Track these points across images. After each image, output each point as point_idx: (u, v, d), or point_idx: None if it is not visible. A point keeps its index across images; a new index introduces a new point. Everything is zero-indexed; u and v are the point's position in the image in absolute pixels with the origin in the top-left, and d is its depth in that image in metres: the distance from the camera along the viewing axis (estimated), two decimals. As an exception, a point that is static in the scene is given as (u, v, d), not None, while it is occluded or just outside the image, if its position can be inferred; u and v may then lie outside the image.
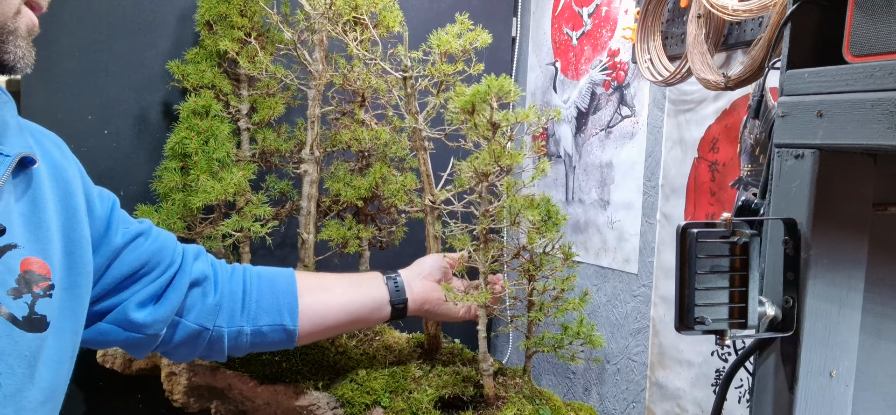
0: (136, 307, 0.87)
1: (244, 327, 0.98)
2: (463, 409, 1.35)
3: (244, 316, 0.98)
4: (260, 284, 1.01)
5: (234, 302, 0.97)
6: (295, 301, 1.02)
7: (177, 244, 0.95)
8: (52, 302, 0.71)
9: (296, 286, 1.03)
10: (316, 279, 1.09)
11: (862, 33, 0.64)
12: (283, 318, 1.00)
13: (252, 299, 0.99)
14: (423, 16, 2.00)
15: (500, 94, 1.22)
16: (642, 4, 1.51)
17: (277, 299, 1.01)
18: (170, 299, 0.90)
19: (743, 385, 1.35)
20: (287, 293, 1.02)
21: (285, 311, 1.01)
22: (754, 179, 1.34)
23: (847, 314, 0.74)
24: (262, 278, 1.02)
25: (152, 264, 0.89)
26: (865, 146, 0.62)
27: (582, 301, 1.37)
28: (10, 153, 0.70)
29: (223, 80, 1.61)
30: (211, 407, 1.49)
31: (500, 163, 1.22)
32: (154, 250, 0.89)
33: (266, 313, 0.99)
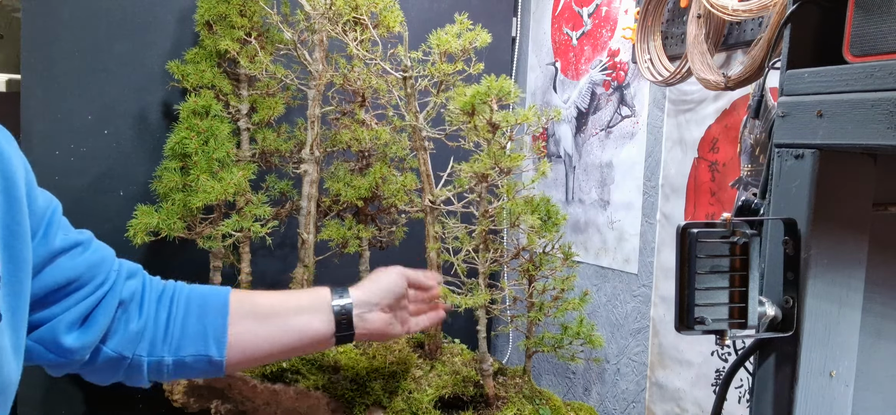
0: (65, 329, 0.81)
1: (165, 358, 0.91)
2: (463, 409, 1.35)
3: (166, 346, 0.91)
4: (187, 309, 0.94)
5: (157, 330, 0.91)
6: (224, 331, 0.94)
7: (115, 261, 0.89)
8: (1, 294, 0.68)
9: (227, 313, 0.95)
10: (251, 304, 1.00)
11: (862, 33, 0.64)
12: (209, 348, 0.93)
13: (176, 327, 0.92)
14: (423, 16, 2.00)
15: (500, 96, 1.22)
16: (642, 4, 1.51)
17: (204, 328, 0.93)
18: (97, 322, 0.84)
19: (743, 385, 1.35)
20: (216, 322, 0.94)
21: (212, 341, 0.93)
22: (754, 179, 1.34)
23: (847, 314, 0.74)
24: (190, 303, 0.94)
25: (87, 278, 0.83)
26: (865, 146, 0.62)
27: (582, 301, 1.37)
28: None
29: (223, 80, 1.61)
30: (211, 407, 1.49)
31: (500, 165, 1.22)
32: (92, 263, 0.84)
33: (191, 342, 0.92)
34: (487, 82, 1.22)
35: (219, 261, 1.65)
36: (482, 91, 1.22)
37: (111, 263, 0.88)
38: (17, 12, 1.75)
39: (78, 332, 0.83)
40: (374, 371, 1.42)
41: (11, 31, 1.89)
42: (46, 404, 1.71)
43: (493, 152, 1.22)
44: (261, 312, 0.99)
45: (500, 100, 1.24)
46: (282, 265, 1.89)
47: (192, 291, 0.96)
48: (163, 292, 0.94)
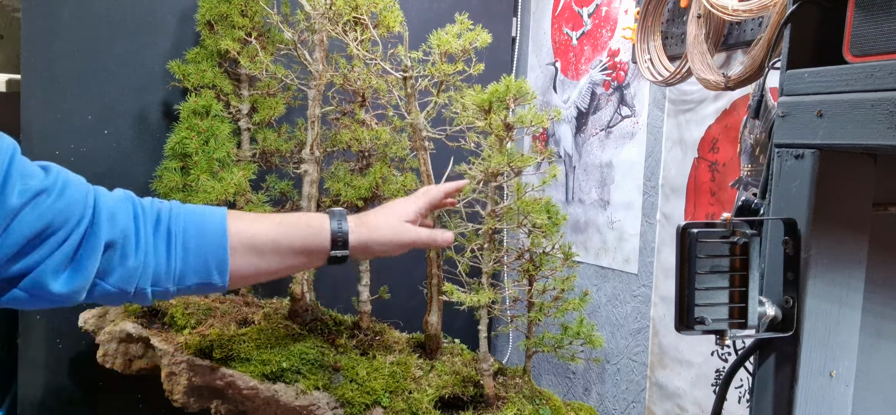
0: (51, 276, 0.80)
1: (169, 288, 0.92)
2: (463, 409, 1.35)
3: (169, 278, 0.91)
4: (186, 239, 0.93)
5: (158, 263, 0.90)
6: (225, 261, 0.94)
7: (87, 196, 0.86)
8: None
9: (227, 246, 0.95)
10: (251, 237, 0.98)
11: (862, 33, 0.64)
12: (212, 277, 0.94)
13: (177, 260, 0.92)
14: (423, 16, 2.00)
15: (518, 96, 1.23)
16: (642, 4, 1.51)
17: (206, 259, 0.93)
18: (84, 266, 0.83)
19: (743, 385, 1.35)
20: (217, 254, 0.94)
21: (214, 271, 0.94)
22: (754, 179, 1.34)
23: (847, 314, 0.74)
24: (189, 233, 0.93)
25: (59, 223, 0.81)
26: (865, 146, 0.62)
27: (582, 301, 1.37)
28: None
29: (224, 79, 1.61)
30: (211, 407, 1.49)
31: (512, 165, 1.22)
32: (59, 209, 0.81)
33: (193, 273, 0.93)
34: (506, 82, 1.23)
35: (219, 261, 1.65)
36: (501, 90, 1.23)
37: (83, 202, 0.85)
38: (17, 12, 1.75)
39: (66, 276, 0.82)
40: (374, 371, 1.42)
41: (11, 31, 1.89)
42: (46, 404, 1.71)
43: (507, 152, 1.22)
44: (261, 247, 1.00)
45: (517, 100, 1.24)
46: (282, 265, 1.89)
47: (189, 219, 0.95)
48: (158, 222, 0.92)
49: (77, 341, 1.69)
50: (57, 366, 1.71)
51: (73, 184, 0.85)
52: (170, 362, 1.42)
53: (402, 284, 1.96)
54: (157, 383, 1.47)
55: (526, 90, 1.22)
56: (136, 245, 0.89)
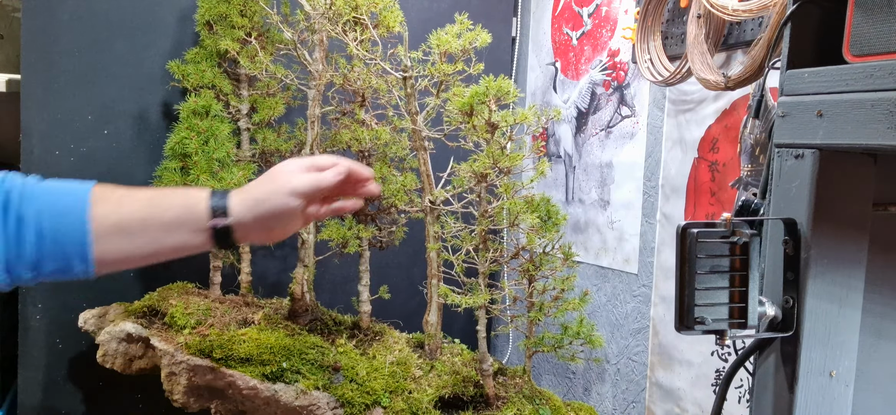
0: None
1: (24, 275, 0.86)
2: (463, 409, 1.35)
3: (21, 263, 0.85)
4: (40, 223, 0.86)
5: (9, 250, 0.84)
6: (86, 247, 0.87)
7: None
8: None
9: (87, 230, 0.87)
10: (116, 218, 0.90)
11: (862, 33, 0.64)
12: (73, 264, 0.87)
13: (30, 246, 0.85)
14: (423, 16, 2.00)
15: (499, 95, 1.22)
16: (642, 4, 1.51)
17: (64, 245, 0.86)
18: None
19: (743, 385, 1.35)
20: (76, 237, 0.87)
21: (75, 257, 0.87)
22: (754, 179, 1.34)
23: (847, 314, 0.74)
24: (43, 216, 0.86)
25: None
26: (865, 146, 0.62)
27: (582, 301, 1.37)
28: None
29: (223, 80, 1.61)
30: (211, 407, 1.49)
31: (499, 165, 1.21)
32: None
33: (50, 259, 0.86)
34: (486, 83, 1.22)
35: (218, 261, 1.65)
36: (480, 91, 1.22)
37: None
38: (17, 12, 1.75)
39: None
40: (374, 371, 1.42)
41: (11, 31, 1.89)
42: (46, 404, 1.71)
43: (492, 152, 1.21)
44: (127, 228, 0.91)
45: (500, 100, 1.24)
46: (282, 265, 1.89)
47: (44, 201, 0.87)
48: (7, 205, 0.85)
49: (77, 341, 1.69)
50: (57, 366, 1.71)
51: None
52: (170, 362, 1.42)
53: (402, 285, 1.96)
54: (157, 383, 1.47)
55: (506, 89, 1.22)
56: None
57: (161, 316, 1.54)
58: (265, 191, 0.97)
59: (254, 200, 0.96)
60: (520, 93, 1.32)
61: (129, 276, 1.74)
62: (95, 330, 1.56)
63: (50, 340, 1.69)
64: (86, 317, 1.58)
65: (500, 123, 1.24)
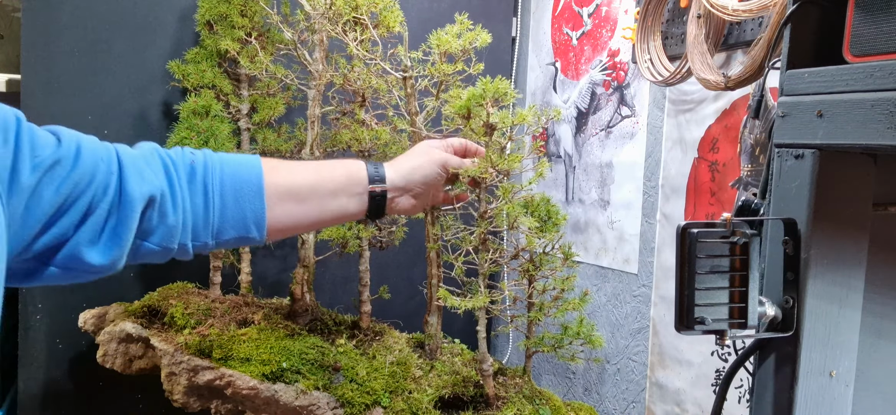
0: (86, 247, 0.78)
1: (208, 242, 0.91)
2: (463, 409, 1.35)
3: (207, 232, 0.90)
4: (224, 192, 0.91)
5: (197, 218, 0.89)
6: (263, 215, 0.93)
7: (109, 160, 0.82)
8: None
9: (264, 197, 0.94)
10: (287, 185, 0.98)
11: (862, 33, 0.64)
12: (249, 231, 0.93)
13: (215, 214, 0.90)
14: (423, 16, 2.00)
15: (497, 96, 1.22)
16: (642, 4, 1.51)
17: (243, 212, 0.92)
18: (120, 235, 0.80)
19: (743, 385, 1.35)
20: (254, 205, 0.93)
21: (252, 224, 0.92)
22: (754, 179, 1.34)
23: (847, 314, 0.74)
24: (225, 185, 0.92)
25: (78, 192, 0.77)
26: (865, 146, 0.62)
27: (582, 301, 1.37)
28: None
29: (223, 80, 1.61)
30: (211, 407, 1.49)
31: (497, 167, 1.21)
32: (77, 179, 0.77)
33: (231, 226, 0.91)
34: (483, 84, 1.21)
35: (219, 261, 1.65)
36: (477, 94, 1.21)
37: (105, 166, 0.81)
38: (17, 12, 1.75)
39: (102, 246, 0.80)
40: (374, 371, 1.41)
41: (11, 31, 1.89)
42: (46, 404, 1.71)
43: (490, 155, 1.21)
44: (299, 193, 0.99)
45: (497, 101, 1.23)
46: (282, 265, 1.89)
47: (225, 171, 0.93)
48: (193, 174, 0.90)
49: (77, 341, 1.69)
50: (57, 366, 1.71)
51: (87, 148, 0.81)
52: (170, 362, 1.42)
53: (402, 285, 1.96)
54: (157, 383, 1.47)
55: (504, 90, 1.22)
56: (173, 202, 0.87)
57: (161, 316, 1.54)
58: (417, 162, 1.12)
59: (407, 169, 1.10)
60: (518, 94, 1.31)
61: (129, 276, 1.74)
62: (95, 330, 1.56)
63: (50, 340, 1.70)
64: (86, 317, 1.58)
65: (498, 124, 1.24)
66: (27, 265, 0.77)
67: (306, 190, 0.99)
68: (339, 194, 1.03)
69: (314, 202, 1.00)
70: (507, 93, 1.22)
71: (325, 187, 1.02)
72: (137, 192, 0.82)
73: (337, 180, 1.03)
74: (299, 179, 0.99)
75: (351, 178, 1.04)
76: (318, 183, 1.01)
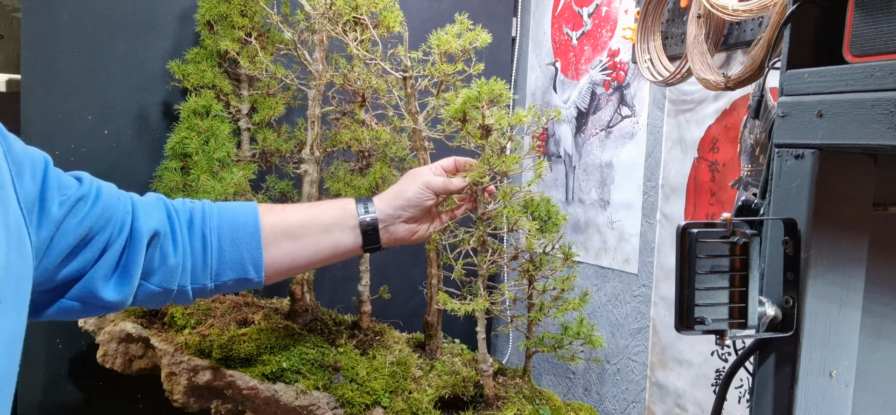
0: (102, 283, 0.83)
1: (207, 284, 0.94)
2: (463, 409, 1.35)
3: (206, 274, 0.94)
4: (221, 236, 0.95)
5: (195, 260, 0.93)
6: (260, 255, 0.97)
7: (124, 201, 0.89)
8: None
9: (260, 238, 0.97)
10: (282, 225, 1.01)
11: (862, 33, 0.64)
12: (248, 272, 0.96)
13: (213, 256, 0.94)
14: (423, 16, 2.00)
15: (492, 98, 1.22)
16: (642, 4, 1.51)
17: (240, 253, 0.95)
18: (131, 271, 0.85)
19: (743, 385, 1.35)
20: (250, 246, 0.96)
21: (250, 266, 0.96)
22: (754, 179, 1.34)
23: (847, 314, 0.74)
24: (223, 230, 0.95)
25: (97, 228, 0.83)
26: (865, 146, 0.62)
27: (582, 301, 1.37)
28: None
29: (224, 80, 1.61)
30: (211, 407, 1.49)
31: (495, 169, 1.21)
32: (97, 214, 0.83)
33: (229, 268, 0.95)
34: (478, 86, 1.21)
35: (219, 261, 1.65)
36: (472, 95, 1.21)
37: (122, 206, 0.88)
38: (17, 12, 1.75)
39: (115, 284, 0.85)
40: (374, 371, 1.42)
41: (11, 31, 1.90)
42: (46, 404, 1.71)
43: (487, 157, 1.21)
44: (293, 232, 1.01)
45: (493, 102, 1.23)
46: (282, 265, 1.89)
47: (223, 216, 0.97)
48: (192, 221, 0.94)
49: (77, 341, 1.69)
50: (57, 366, 1.71)
51: (106, 190, 0.88)
52: (170, 362, 1.42)
53: (402, 285, 1.96)
54: (157, 383, 1.47)
55: (499, 91, 1.22)
56: (174, 243, 0.91)
57: (161, 316, 1.54)
58: (400, 187, 1.13)
59: (392, 195, 1.12)
60: (514, 95, 1.31)
61: (129, 276, 1.74)
62: (95, 330, 1.56)
63: (50, 340, 1.70)
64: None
65: (494, 125, 1.23)
66: (45, 298, 0.82)
67: (300, 227, 1.02)
68: (332, 229, 1.05)
69: (308, 239, 1.02)
70: (503, 94, 1.22)
71: (318, 223, 1.04)
72: (145, 227, 0.87)
73: (329, 215, 1.06)
74: (292, 217, 1.02)
75: (343, 211, 1.07)
76: (311, 220, 1.04)
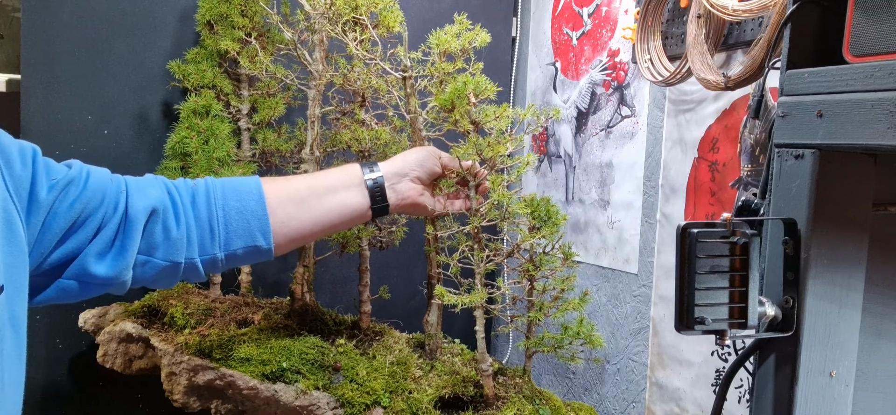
0: (94, 261, 0.83)
1: (217, 255, 0.94)
2: (463, 409, 1.35)
3: (215, 244, 0.93)
4: (226, 205, 0.95)
5: (202, 231, 0.93)
6: (266, 221, 0.96)
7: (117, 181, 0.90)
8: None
9: (265, 204, 0.97)
10: (286, 190, 1.01)
11: (862, 33, 0.64)
12: (256, 239, 0.96)
13: (220, 225, 0.94)
14: (423, 16, 2.00)
15: (477, 92, 1.24)
16: (642, 4, 1.51)
17: (247, 222, 0.95)
18: (126, 248, 0.85)
19: (743, 385, 1.35)
20: (257, 213, 0.96)
21: (258, 232, 0.96)
22: (754, 179, 1.34)
23: (847, 314, 0.74)
24: (227, 199, 0.96)
25: (90, 210, 0.83)
26: (865, 146, 0.62)
27: (582, 301, 1.37)
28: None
29: (224, 79, 1.61)
30: (211, 407, 1.49)
31: (483, 155, 1.22)
32: (89, 196, 0.84)
33: (237, 236, 0.95)
34: (464, 79, 1.24)
35: (219, 261, 1.65)
36: (459, 87, 1.24)
37: (114, 187, 0.88)
38: (17, 12, 1.75)
39: (109, 260, 0.85)
40: (374, 371, 1.42)
41: (11, 31, 1.89)
42: (46, 404, 1.71)
43: (476, 141, 1.22)
44: (297, 195, 1.02)
45: (479, 96, 1.25)
46: (282, 265, 1.89)
47: (225, 188, 0.97)
48: (195, 196, 0.95)
49: (77, 341, 1.69)
50: (57, 366, 1.71)
51: (96, 173, 0.88)
52: (170, 362, 1.42)
53: (402, 284, 1.96)
54: (157, 383, 1.47)
55: (483, 86, 1.24)
56: (176, 217, 0.91)
57: (161, 316, 1.54)
58: (409, 151, 1.17)
59: (400, 157, 1.15)
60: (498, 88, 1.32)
61: (129, 276, 1.74)
62: (95, 330, 1.56)
63: (50, 340, 1.70)
64: (86, 317, 1.58)
65: (481, 120, 1.25)
66: (42, 280, 0.82)
67: (304, 190, 1.03)
68: (338, 190, 1.06)
69: (314, 201, 1.03)
70: (487, 88, 1.24)
71: (323, 185, 1.05)
72: (140, 205, 0.88)
73: (334, 177, 1.07)
74: (295, 183, 1.04)
75: (347, 172, 1.08)
76: (315, 183, 1.05)
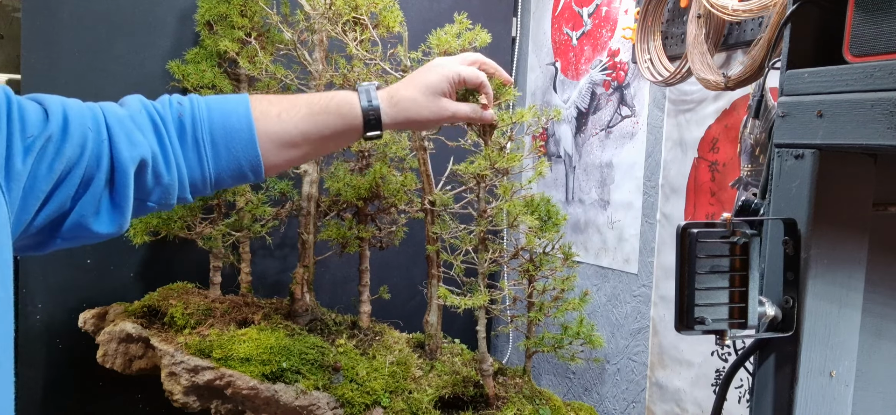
0: (93, 220, 0.82)
1: (207, 190, 0.95)
2: (463, 409, 1.35)
3: (205, 184, 0.93)
4: (215, 142, 0.93)
5: (193, 172, 0.92)
6: (257, 159, 0.95)
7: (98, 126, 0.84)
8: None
9: (255, 138, 0.95)
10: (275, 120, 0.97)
11: (862, 33, 0.64)
12: (244, 171, 0.95)
13: (209, 165, 0.93)
14: (423, 16, 2.00)
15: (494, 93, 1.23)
16: (642, 4, 1.51)
17: (237, 158, 0.94)
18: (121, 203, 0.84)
19: (743, 385, 1.35)
20: (246, 149, 0.94)
21: (246, 167, 0.95)
22: (754, 179, 1.34)
23: (847, 314, 0.74)
24: (216, 136, 0.94)
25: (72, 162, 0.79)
26: (865, 146, 0.62)
27: (582, 301, 1.37)
28: None
29: (223, 80, 1.61)
30: (211, 407, 1.49)
31: (496, 166, 1.22)
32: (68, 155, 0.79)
33: (227, 174, 0.94)
34: None
35: (219, 261, 1.65)
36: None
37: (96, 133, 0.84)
38: (17, 12, 1.75)
39: (105, 217, 0.83)
40: (374, 371, 1.41)
41: (11, 31, 1.89)
42: (46, 404, 1.71)
43: (489, 153, 1.21)
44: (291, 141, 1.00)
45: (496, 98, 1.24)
46: (282, 265, 1.89)
47: (214, 120, 0.94)
48: (182, 129, 0.93)
49: (77, 341, 1.69)
50: (57, 366, 1.71)
51: (74, 119, 0.83)
52: (170, 362, 1.42)
53: (402, 284, 1.96)
54: (157, 383, 1.47)
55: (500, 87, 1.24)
56: (166, 163, 0.89)
57: (161, 316, 1.54)
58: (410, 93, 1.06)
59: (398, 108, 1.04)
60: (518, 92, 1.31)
61: (128, 276, 1.74)
62: (95, 330, 1.56)
63: (50, 340, 1.69)
64: (86, 317, 1.58)
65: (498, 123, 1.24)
66: (35, 239, 0.80)
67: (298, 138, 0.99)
68: (333, 96, 1.01)
69: (300, 102, 0.99)
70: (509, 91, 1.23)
71: (313, 96, 1.02)
72: (127, 155, 0.84)
73: (324, 93, 1.02)
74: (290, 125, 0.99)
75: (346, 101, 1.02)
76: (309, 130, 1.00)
